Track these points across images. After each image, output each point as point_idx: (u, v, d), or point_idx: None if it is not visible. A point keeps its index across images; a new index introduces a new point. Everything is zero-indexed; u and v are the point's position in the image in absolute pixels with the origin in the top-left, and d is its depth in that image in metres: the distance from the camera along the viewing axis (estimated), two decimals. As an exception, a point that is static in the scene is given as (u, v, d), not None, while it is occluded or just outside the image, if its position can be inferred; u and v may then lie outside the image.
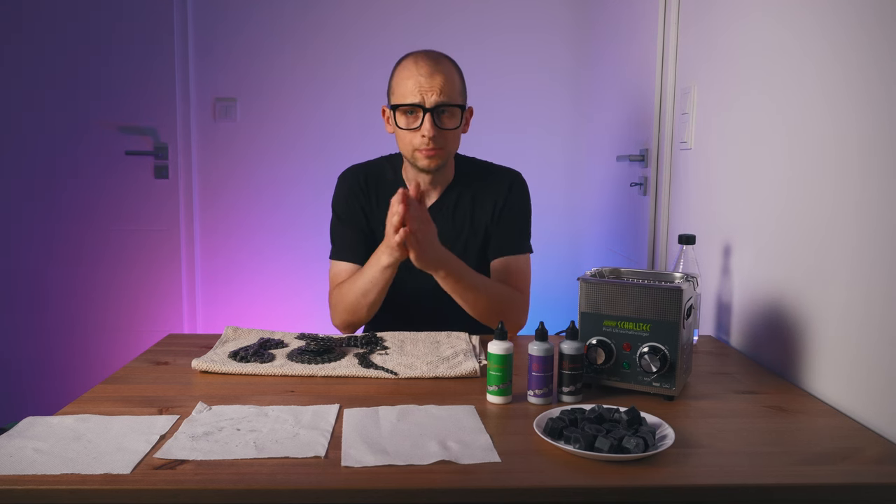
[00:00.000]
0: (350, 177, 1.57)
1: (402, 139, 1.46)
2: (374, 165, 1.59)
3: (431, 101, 1.40)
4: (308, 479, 0.82)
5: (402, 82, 1.43)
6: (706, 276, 1.59)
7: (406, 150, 1.47)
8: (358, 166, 1.60)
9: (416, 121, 1.42)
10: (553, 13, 2.87)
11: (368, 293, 1.41)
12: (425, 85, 1.40)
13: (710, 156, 1.65)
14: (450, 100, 1.42)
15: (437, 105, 1.40)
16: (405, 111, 1.43)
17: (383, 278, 1.39)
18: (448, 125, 1.44)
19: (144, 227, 2.77)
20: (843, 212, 1.11)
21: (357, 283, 1.43)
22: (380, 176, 1.57)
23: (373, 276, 1.40)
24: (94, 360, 2.77)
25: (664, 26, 1.93)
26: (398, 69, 1.46)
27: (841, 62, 1.12)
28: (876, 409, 1.02)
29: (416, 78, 1.41)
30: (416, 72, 1.41)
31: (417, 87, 1.40)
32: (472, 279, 1.43)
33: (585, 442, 0.88)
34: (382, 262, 1.37)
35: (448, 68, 1.44)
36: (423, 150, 1.43)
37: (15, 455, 0.85)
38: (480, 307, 1.44)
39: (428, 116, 1.40)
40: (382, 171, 1.57)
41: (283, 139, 2.86)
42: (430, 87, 1.40)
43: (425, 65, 1.41)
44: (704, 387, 1.19)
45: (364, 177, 1.56)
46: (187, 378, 1.19)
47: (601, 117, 2.69)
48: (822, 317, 1.16)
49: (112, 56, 2.68)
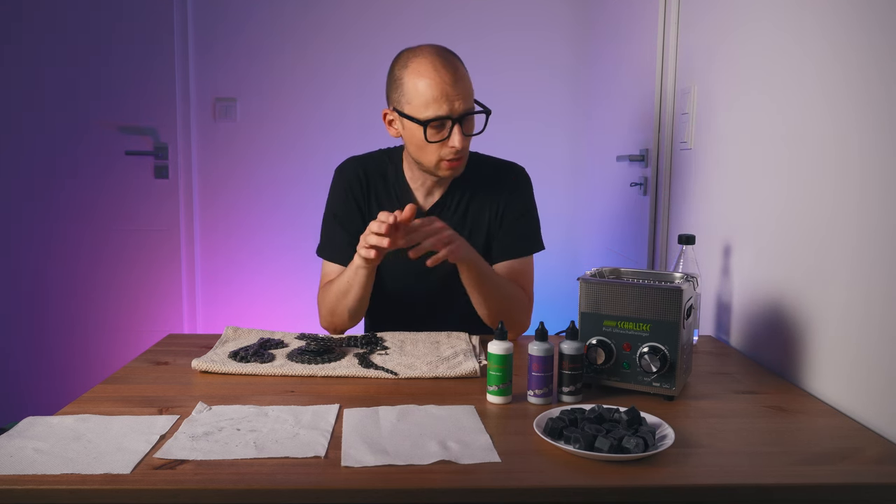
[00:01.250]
0: (348, 170, 1.51)
1: (424, 150, 1.36)
2: (374, 159, 1.53)
3: (459, 110, 1.32)
4: (308, 479, 0.82)
5: (422, 90, 1.31)
6: (706, 276, 1.59)
7: (428, 160, 1.38)
8: (357, 158, 1.53)
9: (444, 132, 1.34)
10: (553, 11, 2.87)
11: (346, 294, 1.39)
12: (451, 93, 1.31)
13: (710, 156, 1.65)
14: (472, 106, 1.36)
15: (463, 113, 1.33)
16: (435, 126, 1.33)
17: (357, 279, 1.36)
18: (472, 130, 1.38)
19: (144, 227, 2.77)
20: (844, 212, 1.11)
21: (337, 284, 1.41)
22: (380, 172, 1.51)
23: (348, 276, 1.37)
24: (94, 360, 2.77)
25: (664, 26, 1.93)
26: (411, 75, 1.33)
27: (841, 62, 1.12)
28: (876, 409, 1.02)
29: (441, 87, 1.30)
30: (440, 79, 1.31)
31: (445, 98, 1.31)
32: (491, 272, 1.41)
33: (585, 442, 0.88)
34: (355, 261, 1.34)
35: (463, 70, 1.36)
36: (449, 161, 1.37)
37: (15, 455, 0.85)
38: (493, 303, 1.40)
39: (457, 128, 1.32)
40: (383, 166, 1.52)
41: (283, 139, 2.86)
42: (455, 96, 1.31)
43: (447, 72, 1.31)
44: (704, 387, 1.19)
45: (364, 171, 1.50)
46: (187, 378, 1.19)
47: (601, 117, 2.69)
48: (822, 317, 1.16)
49: (112, 56, 2.68)
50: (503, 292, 1.42)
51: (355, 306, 1.41)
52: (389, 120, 1.42)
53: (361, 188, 1.50)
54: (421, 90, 1.32)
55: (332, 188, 1.53)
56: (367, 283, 1.37)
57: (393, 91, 1.39)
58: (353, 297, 1.39)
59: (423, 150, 1.37)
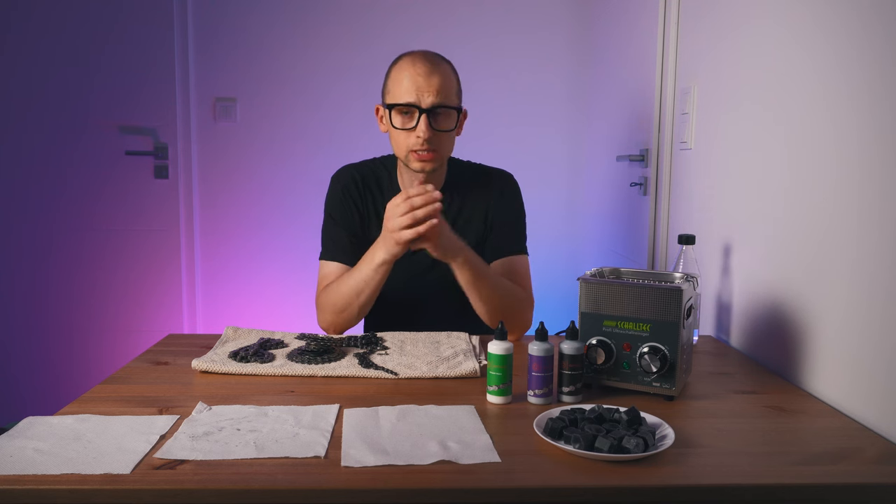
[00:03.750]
0: (345, 176, 1.55)
1: (396, 139, 1.43)
2: (369, 166, 1.57)
3: (428, 101, 1.38)
4: (308, 479, 0.82)
5: (398, 81, 1.40)
6: (706, 276, 1.59)
7: (400, 151, 1.44)
8: (352, 166, 1.58)
9: (412, 121, 1.40)
10: (553, 12, 2.87)
11: (361, 292, 1.39)
12: (423, 85, 1.38)
13: (710, 156, 1.65)
14: (446, 101, 1.40)
15: (433, 106, 1.38)
16: (401, 111, 1.40)
17: (377, 276, 1.37)
18: (443, 126, 1.42)
19: (144, 227, 2.77)
20: (844, 211, 1.11)
21: (349, 283, 1.41)
22: (375, 177, 1.55)
23: (366, 275, 1.38)
24: (95, 360, 2.77)
25: (664, 26, 1.93)
26: (394, 68, 1.44)
27: (841, 62, 1.12)
28: (876, 409, 1.02)
29: (413, 78, 1.38)
30: (414, 71, 1.39)
31: (414, 87, 1.38)
32: (487, 270, 1.41)
33: (585, 442, 0.88)
34: (377, 258, 1.35)
35: (445, 70, 1.42)
36: (418, 151, 1.41)
37: (15, 455, 0.85)
38: (494, 302, 1.41)
39: (423, 117, 1.38)
40: (377, 172, 1.56)
41: (283, 139, 2.86)
42: (427, 88, 1.38)
43: (422, 65, 1.39)
44: (704, 387, 1.19)
45: (360, 177, 1.55)
46: (187, 378, 1.19)
47: (601, 117, 2.69)
48: (822, 317, 1.16)
49: (112, 56, 2.68)
50: (501, 290, 1.42)
51: (367, 304, 1.42)
52: (380, 116, 1.50)
53: (358, 192, 1.54)
54: (397, 80, 1.41)
55: (329, 194, 1.56)
56: (384, 280, 1.39)
57: (383, 87, 1.48)
58: (367, 296, 1.40)
59: (395, 140, 1.44)
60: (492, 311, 1.42)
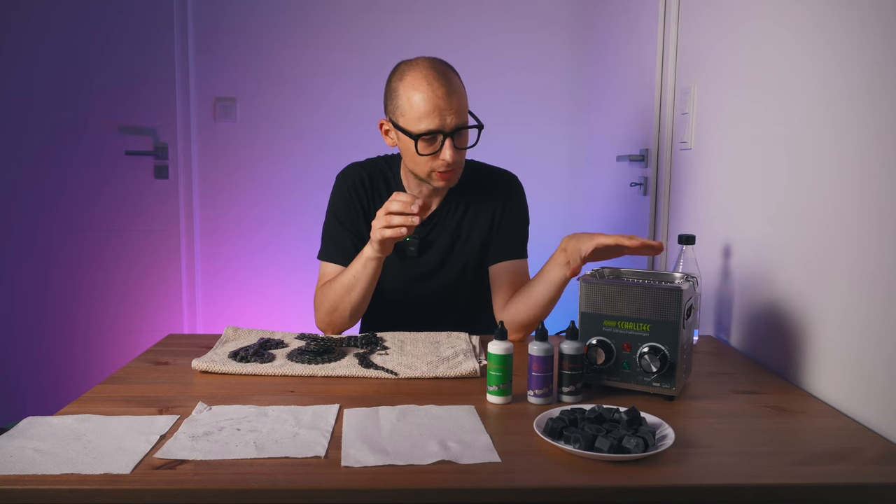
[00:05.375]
0: (352, 175, 1.53)
1: (415, 160, 1.38)
2: (375, 165, 1.56)
3: (451, 124, 1.33)
4: (308, 479, 0.82)
5: (414, 105, 1.33)
6: (706, 276, 1.59)
7: (421, 171, 1.40)
8: (359, 164, 1.56)
9: (435, 144, 1.35)
10: (553, 12, 2.87)
11: (352, 289, 1.39)
12: (444, 108, 1.32)
13: (710, 156, 1.65)
14: (465, 120, 1.37)
15: (456, 127, 1.34)
16: (426, 139, 1.34)
17: (366, 272, 1.36)
18: (464, 144, 1.39)
19: (144, 227, 2.77)
20: (844, 211, 1.11)
21: (341, 280, 1.40)
22: (382, 177, 1.54)
23: (355, 270, 1.37)
24: (94, 360, 2.77)
25: (664, 26, 1.93)
26: (404, 85, 1.35)
27: (841, 61, 1.12)
28: (876, 409, 1.02)
29: (432, 101, 1.32)
30: (432, 94, 1.32)
31: (436, 112, 1.32)
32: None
33: (585, 442, 0.88)
34: (365, 254, 1.35)
35: (457, 84, 1.37)
36: (441, 173, 1.38)
37: (15, 455, 0.85)
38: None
39: (448, 142, 1.33)
40: (384, 171, 1.54)
41: (283, 139, 2.86)
42: (448, 110, 1.32)
43: (439, 85, 1.32)
44: (704, 387, 1.19)
45: (368, 176, 1.53)
46: (187, 378, 1.19)
47: (601, 117, 2.69)
48: (822, 317, 1.16)
49: (112, 56, 2.68)
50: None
51: (358, 303, 1.41)
52: (385, 130, 1.44)
53: (365, 191, 1.52)
54: (414, 103, 1.33)
55: (335, 192, 1.54)
56: (374, 277, 1.38)
57: (389, 102, 1.40)
58: (357, 293, 1.39)
59: (415, 162, 1.39)
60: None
